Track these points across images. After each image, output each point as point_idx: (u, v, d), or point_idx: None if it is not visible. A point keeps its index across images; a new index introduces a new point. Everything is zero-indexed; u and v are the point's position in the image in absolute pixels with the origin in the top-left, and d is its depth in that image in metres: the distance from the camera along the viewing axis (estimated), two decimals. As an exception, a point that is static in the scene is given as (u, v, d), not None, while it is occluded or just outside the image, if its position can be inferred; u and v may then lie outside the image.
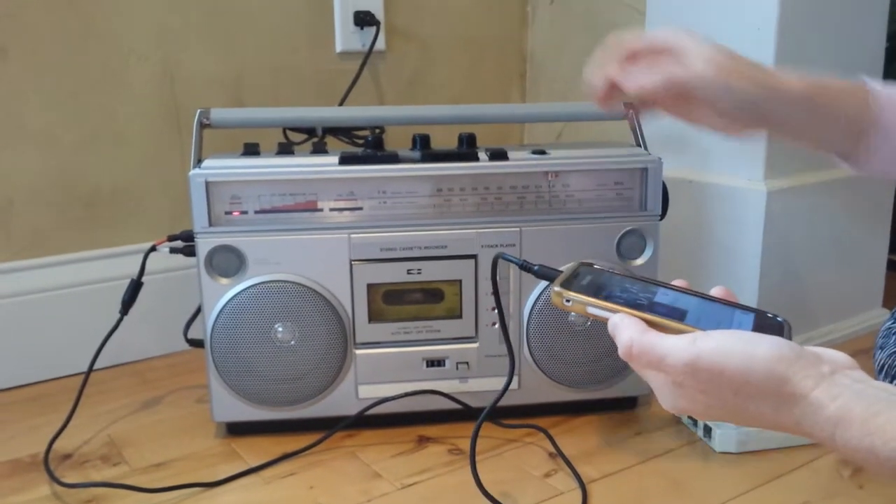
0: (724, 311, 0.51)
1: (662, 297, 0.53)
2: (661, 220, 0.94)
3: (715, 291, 0.54)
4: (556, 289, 0.53)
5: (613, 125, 1.07)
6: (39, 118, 1.09)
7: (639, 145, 0.99)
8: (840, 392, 0.43)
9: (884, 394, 0.43)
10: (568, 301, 0.53)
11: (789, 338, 0.49)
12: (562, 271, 0.56)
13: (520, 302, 0.93)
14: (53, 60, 1.08)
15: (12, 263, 1.10)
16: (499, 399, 0.83)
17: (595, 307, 0.52)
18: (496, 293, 0.77)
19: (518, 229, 0.91)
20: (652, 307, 0.51)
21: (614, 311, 0.51)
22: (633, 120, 1.00)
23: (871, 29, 1.15)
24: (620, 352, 0.49)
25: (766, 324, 0.50)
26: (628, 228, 0.93)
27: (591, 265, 0.57)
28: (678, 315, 0.50)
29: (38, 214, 1.11)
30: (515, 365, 0.92)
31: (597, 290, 0.53)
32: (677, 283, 0.55)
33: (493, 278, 0.76)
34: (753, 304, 0.54)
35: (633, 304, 0.51)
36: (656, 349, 0.47)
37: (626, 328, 0.49)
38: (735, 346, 0.45)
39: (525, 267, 0.61)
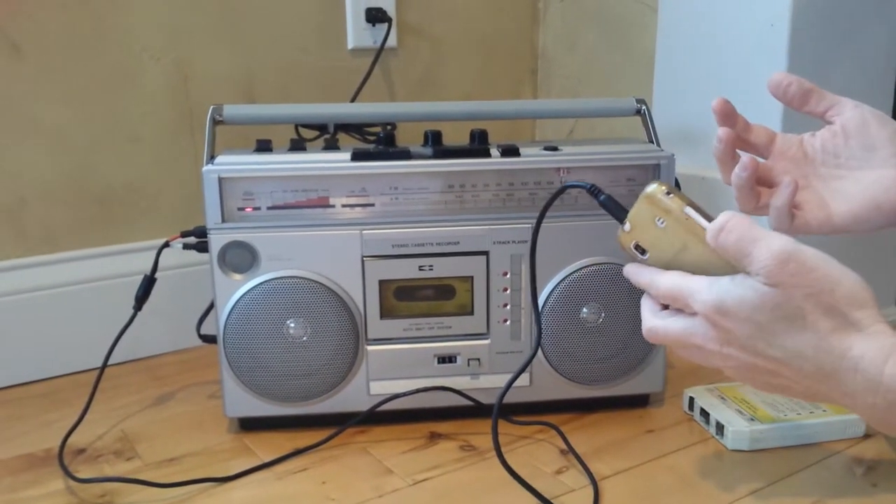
0: None
1: None
2: (673, 216, 0.94)
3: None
4: (655, 186, 0.58)
5: (625, 122, 1.07)
6: (52, 116, 1.10)
7: (651, 141, 0.98)
8: (884, 328, 0.47)
9: None
10: (669, 194, 0.57)
11: None
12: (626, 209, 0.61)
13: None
14: (66, 59, 1.09)
15: (26, 259, 1.11)
16: (519, 374, 0.83)
17: (692, 209, 0.57)
18: (533, 252, 0.77)
19: (530, 225, 0.91)
20: None
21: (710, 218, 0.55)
22: (646, 116, 0.99)
23: (886, 26, 1.14)
24: (727, 236, 0.51)
25: None
26: (640, 225, 0.93)
27: (663, 184, 0.61)
28: None
29: (51, 212, 1.12)
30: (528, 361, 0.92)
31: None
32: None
33: (540, 218, 0.74)
34: None
35: None
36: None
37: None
38: (832, 260, 0.48)
39: (593, 190, 0.65)
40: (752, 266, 0.47)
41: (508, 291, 0.93)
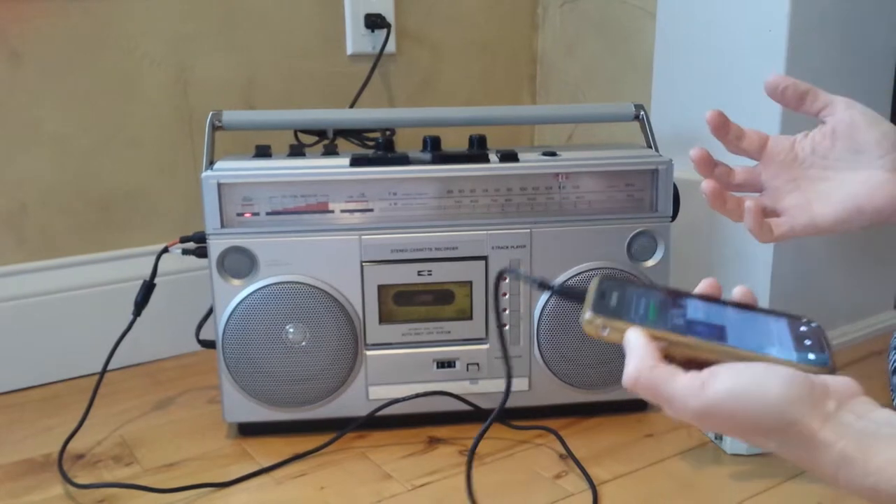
0: (759, 321, 0.49)
1: (695, 311, 0.50)
2: (672, 221, 0.94)
3: (737, 292, 0.52)
4: (588, 316, 0.48)
5: (624, 127, 1.07)
6: (53, 122, 1.10)
7: (649, 146, 0.99)
8: (844, 432, 0.43)
9: (886, 429, 0.43)
10: (605, 330, 0.48)
11: (827, 340, 0.48)
12: (584, 289, 0.50)
13: (530, 303, 0.93)
14: (67, 65, 1.09)
15: (26, 265, 1.11)
16: (491, 421, 0.83)
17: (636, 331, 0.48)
18: (497, 309, 0.74)
19: (528, 231, 0.91)
20: (691, 326, 0.48)
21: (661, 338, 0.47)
22: (644, 121, 1.00)
23: (883, 31, 1.15)
24: (625, 379, 0.47)
25: (801, 332, 0.49)
26: (639, 230, 0.93)
27: (611, 277, 0.52)
28: (718, 334, 0.48)
29: (51, 218, 1.12)
30: (527, 366, 0.92)
31: (630, 312, 0.49)
32: (704, 284, 0.53)
33: (495, 294, 0.73)
34: (766, 306, 0.53)
35: (673, 326, 0.48)
36: (663, 391, 0.46)
37: (637, 357, 0.47)
38: (746, 392, 0.44)
39: (543, 285, 0.56)
40: (679, 417, 0.47)
41: (507, 296, 0.93)
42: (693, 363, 0.47)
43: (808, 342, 0.48)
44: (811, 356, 0.47)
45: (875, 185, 0.61)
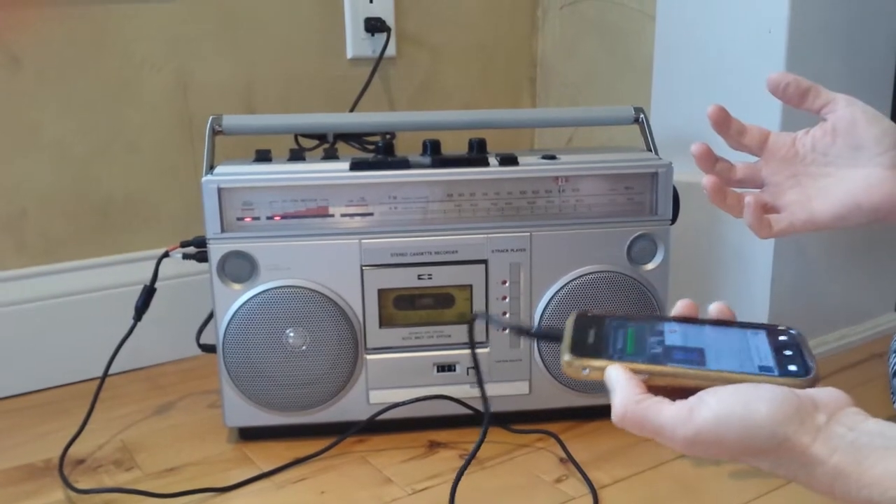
0: (737, 337, 0.49)
1: (672, 335, 0.50)
2: (671, 224, 0.94)
3: (713, 308, 0.52)
4: (567, 358, 0.48)
5: (624, 130, 1.07)
6: (53, 127, 1.10)
7: (649, 150, 0.99)
8: (836, 445, 0.43)
9: (879, 440, 0.42)
10: (585, 371, 0.47)
11: (807, 348, 0.48)
12: (561, 329, 0.50)
13: (530, 306, 0.93)
14: (67, 70, 1.09)
15: (26, 270, 1.11)
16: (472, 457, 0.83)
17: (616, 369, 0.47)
18: (473, 350, 0.73)
19: (528, 234, 0.91)
20: (669, 355, 0.48)
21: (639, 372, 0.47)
22: (644, 124, 1.00)
23: (884, 32, 1.15)
24: (613, 416, 0.46)
25: (780, 342, 0.48)
26: (639, 233, 0.93)
27: (586, 314, 0.52)
28: (697, 358, 0.47)
29: (51, 222, 1.12)
30: (527, 370, 0.92)
31: (608, 348, 0.49)
32: (681, 306, 0.53)
33: (470, 339, 0.71)
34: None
35: (651, 357, 0.48)
36: (651, 424, 0.45)
37: (621, 393, 0.46)
38: (733, 414, 0.44)
39: (521, 331, 0.56)
40: (669, 447, 0.47)
41: (507, 300, 0.93)
42: (678, 390, 0.46)
43: (788, 353, 0.48)
44: (793, 368, 0.47)
45: (873, 183, 0.61)
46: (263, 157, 0.95)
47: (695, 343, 0.49)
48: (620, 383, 0.46)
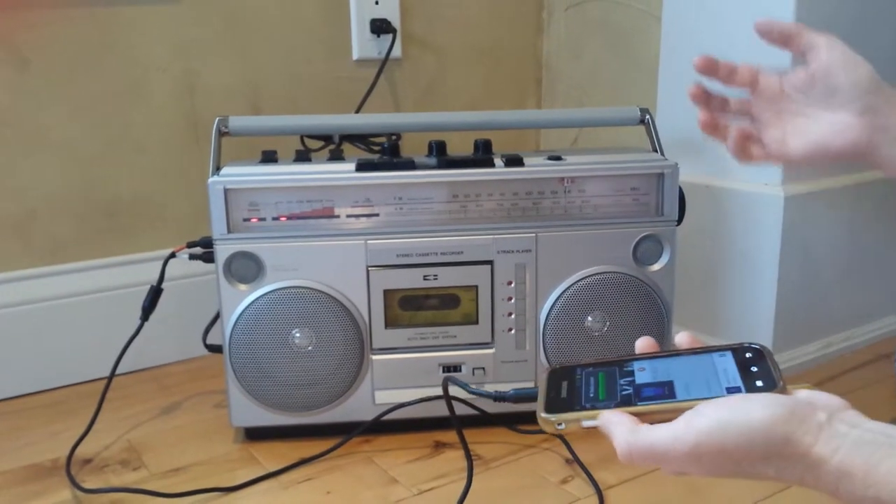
0: (705, 363, 0.50)
1: (641, 373, 0.51)
2: (677, 225, 0.94)
3: (679, 339, 0.53)
4: (544, 416, 0.49)
5: (630, 131, 1.07)
6: (61, 129, 1.10)
7: (655, 150, 0.99)
8: (840, 443, 0.43)
9: (882, 438, 0.42)
10: (561, 425, 0.49)
11: (772, 361, 0.49)
12: (535, 388, 0.52)
13: (536, 306, 0.93)
14: (75, 72, 1.10)
15: (33, 270, 1.11)
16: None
17: (589, 420, 0.48)
18: (451, 412, 0.74)
19: (534, 235, 0.91)
20: (639, 393, 0.49)
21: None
22: (650, 125, 1.00)
23: (889, 34, 1.15)
24: (620, 457, 0.47)
25: (747, 360, 0.49)
26: (645, 234, 0.93)
27: (558, 368, 0.53)
28: (667, 391, 0.48)
29: (59, 223, 1.12)
30: (533, 370, 0.92)
31: (580, 398, 0.50)
32: (642, 344, 0.54)
33: (447, 401, 0.73)
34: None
35: (622, 399, 0.49)
36: (656, 448, 0.46)
37: (619, 433, 0.47)
38: (730, 420, 0.44)
39: (498, 397, 0.58)
40: (676, 468, 0.47)
41: (513, 301, 0.93)
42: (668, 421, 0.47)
43: (754, 369, 0.48)
44: (760, 383, 0.47)
45: (842, 128, 0.64)
46: (269, 158, 0.95)
47: (663, 377, 0.50)
48: (613, 424, 0.47)
